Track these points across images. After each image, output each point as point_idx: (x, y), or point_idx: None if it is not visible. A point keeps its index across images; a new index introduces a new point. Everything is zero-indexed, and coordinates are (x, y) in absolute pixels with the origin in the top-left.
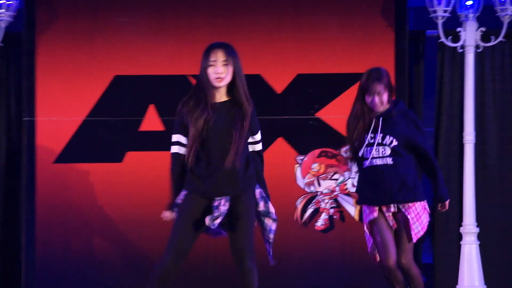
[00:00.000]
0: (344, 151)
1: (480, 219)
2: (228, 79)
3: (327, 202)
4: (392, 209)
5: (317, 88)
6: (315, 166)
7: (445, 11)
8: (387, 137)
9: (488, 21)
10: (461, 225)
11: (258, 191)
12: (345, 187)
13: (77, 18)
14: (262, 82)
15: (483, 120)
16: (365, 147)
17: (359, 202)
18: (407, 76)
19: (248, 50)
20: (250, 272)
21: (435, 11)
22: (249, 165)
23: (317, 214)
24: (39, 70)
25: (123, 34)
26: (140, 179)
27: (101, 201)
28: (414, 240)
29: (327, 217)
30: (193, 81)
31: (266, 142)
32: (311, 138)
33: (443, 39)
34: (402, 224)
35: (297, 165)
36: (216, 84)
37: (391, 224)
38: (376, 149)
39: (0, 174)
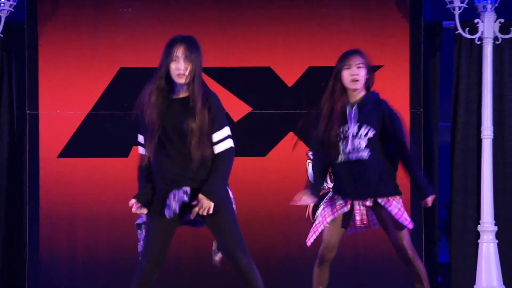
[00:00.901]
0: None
1: (498, 217)
2: (189, 75)
3: None
4: (368, 203)
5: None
6: None
7: (462, 2)
8: (363, 127)
9: (507, 12)
10: (478, 223)
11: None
12: None
13: (80, 9)
14: (272, 75)
15: (501, 115)
16: (340, 141)
17: (332, 189)
18: (422, 69)
19: (258, 42)
20: (248, 268)
21: (451, 2)
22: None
23: None
24: (42, 62)
25: (128, 25)
26: None
27: (106, 197)
28: (411, 226)
29: None
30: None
31: (277, 136)
32: None
33: (460, 31)
34: (386, 219)
35: (308, 161)
36: (178, 80)
37: (357, 219)
38: (351, 142)
39: (3, 169)
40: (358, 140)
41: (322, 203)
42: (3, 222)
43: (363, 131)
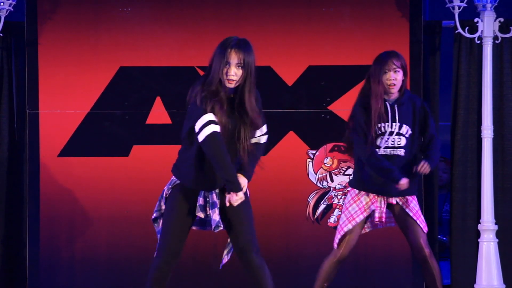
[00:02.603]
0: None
1: (498, 216)
2: (240, 81)
3: (340, 198)
4: (393, 201)
5: (329, 81)
6: (328, 161)
7: (461, 1)
8: (404, 126)
9: (507, 11)
10: (479, 222)
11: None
12: None
13: (80, 8)
14: (273, 74)
15: (501, 114)
16: (380, 136)
17: (357, 187)
18: (422, 68)
19: (258, 42)
20: (261, 268)
21: (451, 1)
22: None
23: (330, 210)
24: (42, 61)
25: (128, 24)
26: (147, 173)
27: (106, 196)
28: (425, 230)
29: (340, 213)
30: (201, 73)
31: (277, 136)
32: (323, 132)
33: (459, 30)
34: (405, 218)
35: (309, 160)
36: (227, 84)
37: (377, 216)
38: (391, 138)
39: (3, 169)
40: (399, 138)
41: (322, 201)
42: (3, 222)
43: (404, 129)
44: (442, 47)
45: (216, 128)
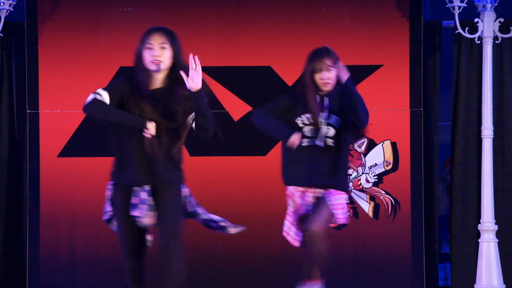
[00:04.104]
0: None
1: (498, 216)
2: (166, 64)
3: None
4: (318, 194)
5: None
6: None
7: (461, 1)
8: (332, 116)
9: (507, 11)
10: (479, 223)
11: (187, 190)
12: (358, 183)
13: (80, 8)
14: (273, 74)
15: (501, 114)
16: (309, 125)
17: (287, 183)
18: (422, 68)
19: (258, 42)
20: (165, 266)
21: (451, 1)
22: (177, 157)
23: None
24: (42, 61)
25: (128, 24)
26: None
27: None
28: (340, 222)
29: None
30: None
31: None
32: None
33: (459, 30)
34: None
35: None
36: (151, 67)
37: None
38: (320, 129)
39: (3, 169)
40: (327, 128)
41: None
42: (3, 222)
43: (333, 119)
44: (442, 47)
45: (93, 95)
